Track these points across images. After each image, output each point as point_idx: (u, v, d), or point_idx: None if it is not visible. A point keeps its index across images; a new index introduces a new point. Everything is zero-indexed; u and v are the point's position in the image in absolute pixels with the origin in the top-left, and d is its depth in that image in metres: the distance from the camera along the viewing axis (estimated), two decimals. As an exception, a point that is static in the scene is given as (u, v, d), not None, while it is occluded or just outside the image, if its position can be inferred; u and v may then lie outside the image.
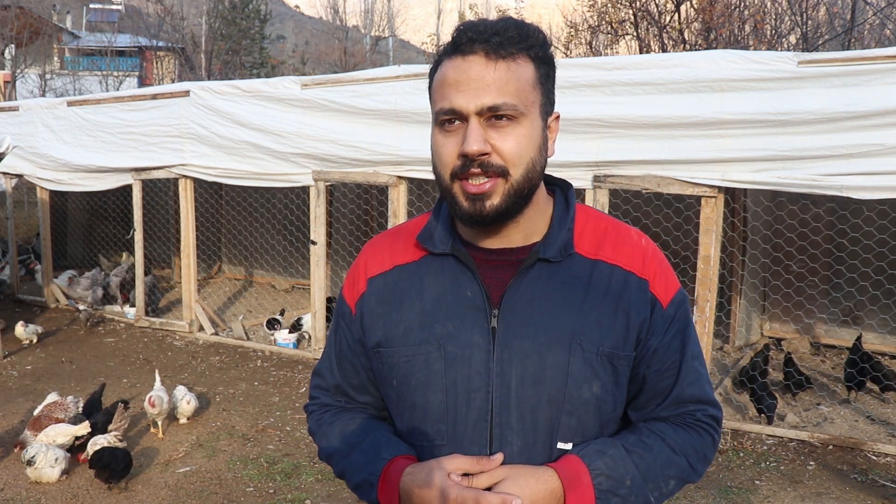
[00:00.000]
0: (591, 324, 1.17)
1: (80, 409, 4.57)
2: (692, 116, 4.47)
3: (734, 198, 5.99)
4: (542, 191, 1.24)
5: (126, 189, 7.41)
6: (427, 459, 1.18)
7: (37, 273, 8.86)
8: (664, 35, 13.56)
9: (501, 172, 1.12)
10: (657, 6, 13.90)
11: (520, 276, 1.19)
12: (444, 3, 41.17)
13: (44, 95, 21.05)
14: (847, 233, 5.73)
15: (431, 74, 1.20)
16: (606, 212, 2.08)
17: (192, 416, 4.91)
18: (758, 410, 4.72)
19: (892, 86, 3.98)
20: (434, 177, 1.20)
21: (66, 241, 10.12)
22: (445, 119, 1.14)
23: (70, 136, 7.49)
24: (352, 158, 5.81)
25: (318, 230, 6.21)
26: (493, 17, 1.18)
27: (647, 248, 1.25)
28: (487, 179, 1.12)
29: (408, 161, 5.56)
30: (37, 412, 4.47)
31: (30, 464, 3.92)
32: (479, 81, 1.10)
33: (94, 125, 7.27)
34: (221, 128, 6.40)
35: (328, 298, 6.43)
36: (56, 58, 27.61)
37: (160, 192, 9.37)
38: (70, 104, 7.51)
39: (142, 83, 27.11)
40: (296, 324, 6.75)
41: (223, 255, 10.18)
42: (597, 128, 4.77)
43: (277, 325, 6.82)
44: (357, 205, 8.61)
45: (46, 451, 3.95)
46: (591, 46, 15.53)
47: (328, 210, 6.32)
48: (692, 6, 13.43)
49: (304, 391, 5.54)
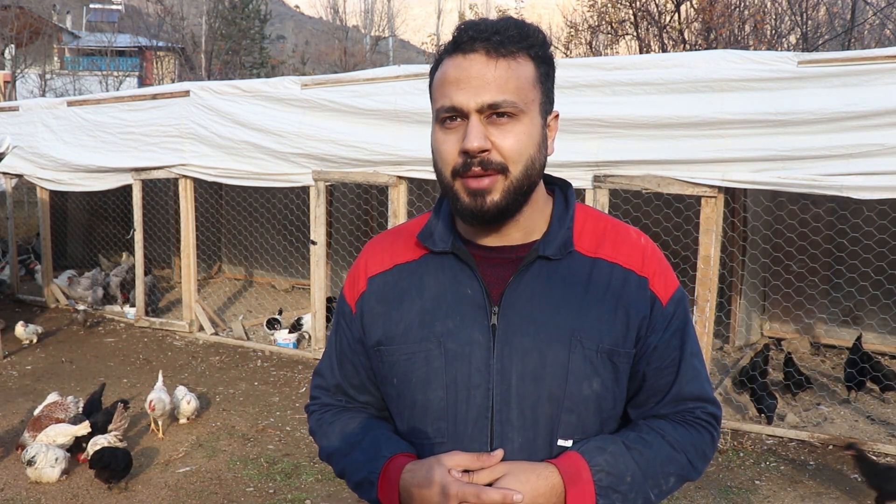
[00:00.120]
0: (591, 321, 1.18)
1: (81, 409, 4.57)
2: (692, 116, 4.47)
3: (734, 198, 5.99)
4: (542, 189, 1.25)
5: (126, 189, 7.41)
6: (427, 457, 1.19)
7: (37, 273, 8.86)
8: (664, 35, 13.56)
9: (501, 169, 1.13)
10: (657, 6, 13.90)
11: (520, 274, 1.20)
12: (444, 3, 41.18)
13: (44, 95, 21.05)
14: (847, 233, 5.73)
15: (432, 73, 1.21)
16: (606, 212, 2.08)
17: (193, 417, 4.91)
18: (758, 410, 4.72)
19: (892, 86, 3.98)
20: (435, 174, 1.21)
21: (66, 241, 10.11)
22: (446, 116, 1.14)
23: (70, 136, 7.49)
24: (352, 158, 5.81)
25: (318, 230, 6.21)
26: (494, 17, 1.20)
27: (647, 247, 1.26)
28: (488, 176, 1.13)
29: (408, 161, 5.57)
30: (37, 412, 4.47)
31: (30, 464, 3.92)
32: (480, 79, 1.11)
33: (94, 125, 7.27)
34: (221, 128, 6.40)
35: (328, 298, 6.43)
36: (56, 58, 27.60)
37: (160, 192, 9.37)
38: (70, 104, 7.51)
39: (142, 83, 27.11)
40: (296, 323, 6.75)
41: (223, 255, 10.18)
42: (597, 128, 4.77)
43: (277, 325, 6.82)
44: (357, 205, 8.61)
45: (46, 451, 3.96)
46: (591, 46, 15.53)
47: (328, 210, 6.32)
48: (692, 6, 13.43)
49: (305, 391, 5.54)
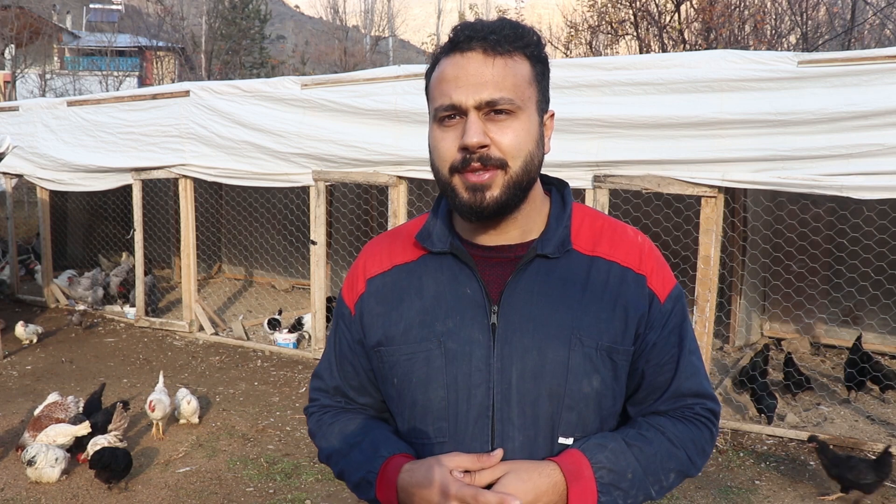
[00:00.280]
0: (590, 319, 1.19)
1: (81, 410, 4.57)
2: (692, 116, 4.47)
3: (734, 198, 5.99)
4: (539, 188, 1.26)
5: (126, 189, 7.41)
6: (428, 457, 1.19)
7: (37, 273, 8.87)
8: (664, 35, 13.55)
9: (501, 164, 1.14)
10: (657, 6, 13.89)
11: (518, 273, 1.20)
12: (444, 3, 41.16)
13: (44, 95, 21.05)
14: (847, 233, 5.73)
15: (428, 74, 1.22)
16: (606, 212, 2.09)
17: (194, 418, 4.91)
18: (758, 410, 4.72)
19: (892, 86, 3.98)
20: (433, 173, 1.21)
21: (66, 241, 10.11)
22: (445, 115, 1.15)
23: (70, 136, 7.49)
24: (352, 158, 5.81)
25: (318, 230, 6.21)
26: (493, 18, 1.21)
27: (644, 245, 1.26)
28: (487, 171, 1.13)
29: (408, 161, 5.57)
30: (37, 412, 4.47)
31: (30, 464, 3.92)
32: (478, 77, 1.12)
33: (94, 125, 7.27)
34: (221, 128, 6.40)
35: (328, 298, 6.44)
36: (56, 58, 27.60)
37: (160, 192, 9.37)
38: (70, 104, 7.51)
39: (142, 83, 27.11)
40: (296, 323, 6.75)
41: (223, 255, 10.18)
42: (597, 128, 4.77)
43: (277, 326, 6.82)
44: (357, 205, 8.61)
45: (47, 452, 3.95)
46: (591, 46, 15.52)
47: (328, 210, 6.32)
48: (692, 6, 13.42)
49: (304, 391, 5.54)
